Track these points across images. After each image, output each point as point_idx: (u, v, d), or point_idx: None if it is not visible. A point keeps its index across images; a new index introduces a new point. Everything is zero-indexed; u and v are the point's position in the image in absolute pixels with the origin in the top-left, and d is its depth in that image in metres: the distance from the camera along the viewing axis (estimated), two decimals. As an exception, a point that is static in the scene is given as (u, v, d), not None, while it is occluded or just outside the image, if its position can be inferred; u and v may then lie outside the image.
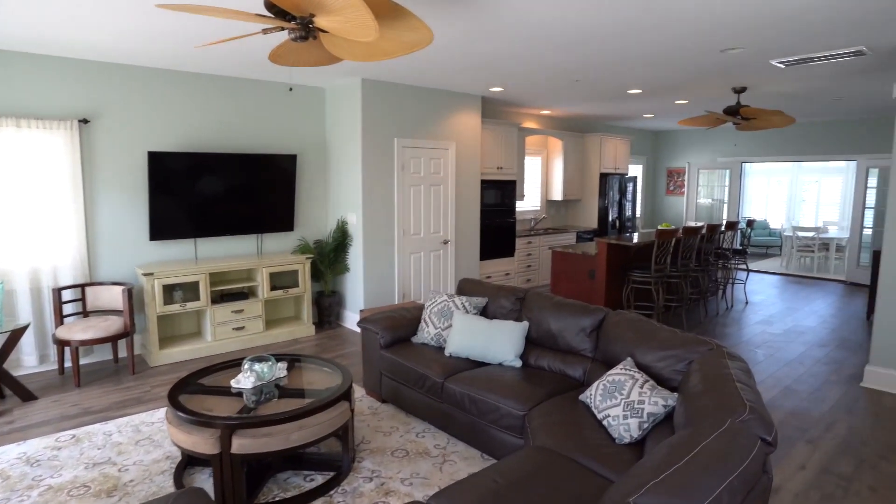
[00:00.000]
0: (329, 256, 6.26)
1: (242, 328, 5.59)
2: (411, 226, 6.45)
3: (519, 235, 7.93)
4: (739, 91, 6.27)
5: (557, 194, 8.96)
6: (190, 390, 3.17)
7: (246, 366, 3.27)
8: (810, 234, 10.41)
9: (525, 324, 3.77)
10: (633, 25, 3.77)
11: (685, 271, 6.26)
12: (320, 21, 2.54)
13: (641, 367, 3.01)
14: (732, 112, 6.20)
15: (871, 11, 3.46)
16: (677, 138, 11.44)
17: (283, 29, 2.69)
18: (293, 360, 3.68)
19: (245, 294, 5.68)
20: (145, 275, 4.96)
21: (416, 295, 6.62)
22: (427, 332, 4.07)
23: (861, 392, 4.50)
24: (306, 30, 2.61)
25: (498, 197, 7.56)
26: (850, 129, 9.30)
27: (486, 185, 7.38)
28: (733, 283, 7.61)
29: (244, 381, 3.22)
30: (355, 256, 6.21)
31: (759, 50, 4.44)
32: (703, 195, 11.12)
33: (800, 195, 13.07)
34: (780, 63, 4.85)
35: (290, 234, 6.36)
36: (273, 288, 5.79)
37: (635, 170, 11.42)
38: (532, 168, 8.94)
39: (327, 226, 6.65)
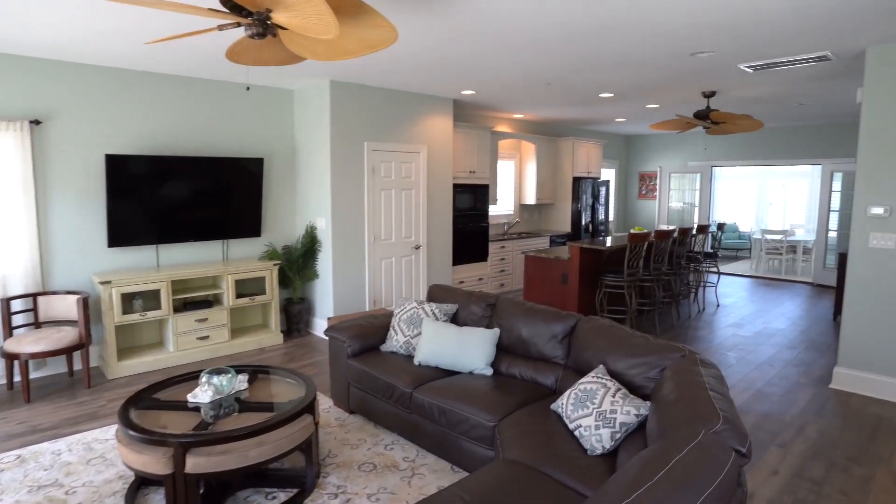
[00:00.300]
0: (297, 262, 6.10)
1: (207, 337, 5.39)
2: (382, 231, 6.33)
3: (492, 240, 7.87)
4: (709, 95, 6.31)
5: (531, 198, 8.92)
6: (144, 406, 3.00)
7: (204, 379, 3.11)
8: (778, 237, 10.59)
9: (496, 331, 3.68)
10: (604, 27, 3.73)
11: (657, 275, 6.26)
12: (278, 17, 2.42)
13: (614, 374, 2.94)
14: (702, 116, 6.23)
15: (837, 18, 3.48)
16: (649, 143, 11.54)
17: (239, 25, 2.56)
18: (255, 372, 3.52)
19: (209, 302, 5.49)
20: (102, 283, 4.74)
21: (388, 301, 6.50)
22: (396, 341, 3.96)
23: (830, 393, 4.52)
24: (264, 26, 2.49)
25: (471, 201, 7.49)
26: (815, 133, 9.48)
27: (459, 189, 7.31)
28: (705, 286, 7.66)
29: (202, 395, 3.06)
30: (324, 262, 6.07)
31: (728, 54, 4.45)
32: (674, 199, 11.23)
33: (768, 199, 13.31)
34: (747, 67, 4.88)
35: (257, 239, 6.18)
36: (239, 295, 5.62)
37: (608, 174, 11.48)
38: (505, 172, 8.90)
39: (296, 231, 6.49)
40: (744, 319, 6.98)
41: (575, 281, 5.89)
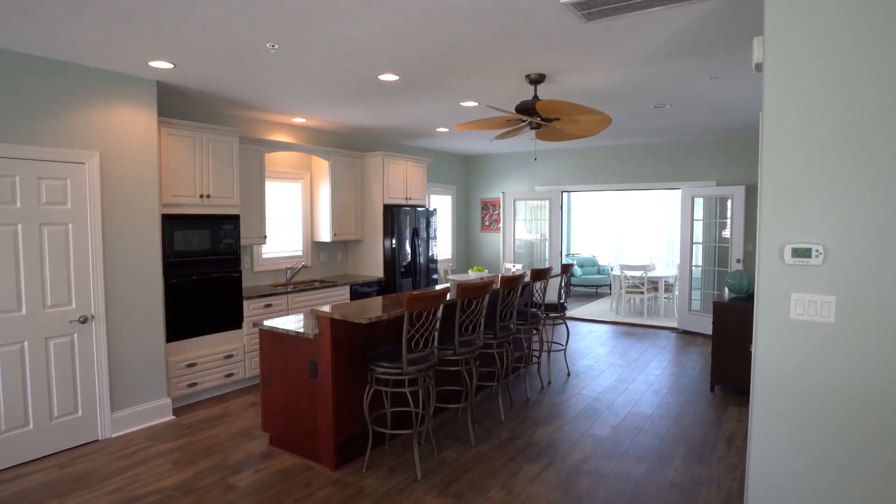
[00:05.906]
0: None
1: None
2: (-7, 297, 3.56)
3: (254, 296, 5.31)
4: (536, 81, 4.33)
5: (325, 234, 6.52)
6: None
7: None
8: (638, 273, 9.06)
9: None
10: None
11: (468, 352, 4.03)
12: None
13: None
14: (527, 109, 4.23)
15: None
16: (491, 163, 9.68)
17: None
18: None
19: None
20: None
21: (18, 420, 3.68)
22: None
23: (738, 585, 2.46)
24: None
25: (209, 240, 4.91)
26: (674, 152, 8.06)
27: (183, 221, 4.70)
28: (549, 352, 5.63)
29: None
30: None
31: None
32: (524, 230, 9.38)
33: (626, 228, 12.03)
34: (573, 7, 2.85)
35: None
36: None
37: (441, 201, 9.40)
38: (288, 198, 6.44)
39: None
40: (600, 400, 4.99)
41: (328, 373, 3.48)
